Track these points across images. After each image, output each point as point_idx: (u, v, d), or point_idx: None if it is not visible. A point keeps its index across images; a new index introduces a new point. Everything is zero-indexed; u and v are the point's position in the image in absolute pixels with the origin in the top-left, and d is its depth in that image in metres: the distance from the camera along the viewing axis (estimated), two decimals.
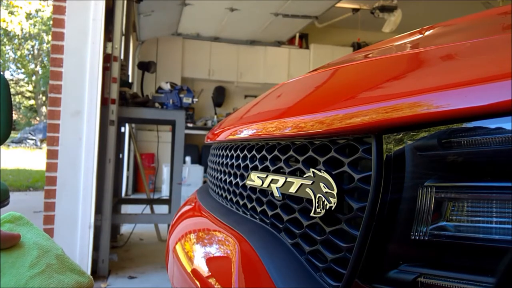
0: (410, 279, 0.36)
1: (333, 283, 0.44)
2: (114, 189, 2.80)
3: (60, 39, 2.36)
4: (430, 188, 0.36)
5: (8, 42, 15.06)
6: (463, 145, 0.34)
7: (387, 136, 0.39)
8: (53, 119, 2.36)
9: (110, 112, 2.55)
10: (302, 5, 4.96)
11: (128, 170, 5.68)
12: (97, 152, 2.38)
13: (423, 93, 0.35)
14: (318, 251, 0.48)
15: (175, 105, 3.10)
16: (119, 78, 2.64)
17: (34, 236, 0.58)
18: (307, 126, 0.48)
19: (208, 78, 7.05)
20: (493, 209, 0.32)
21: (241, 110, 0.86)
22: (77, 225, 2.36)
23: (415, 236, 0.36)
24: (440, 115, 0.33)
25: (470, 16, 0.56)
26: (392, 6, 5.08)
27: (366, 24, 6.24)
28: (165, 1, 4.68)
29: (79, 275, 0.58)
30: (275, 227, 0.59)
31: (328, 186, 0.45)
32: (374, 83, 0.46)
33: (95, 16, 2.37)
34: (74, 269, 0.58)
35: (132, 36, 4.72)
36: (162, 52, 6.63)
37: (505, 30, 0.42)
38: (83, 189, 2.35)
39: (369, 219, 0.39)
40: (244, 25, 5.99)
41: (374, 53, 0.64)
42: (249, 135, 0.67)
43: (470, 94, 0.31)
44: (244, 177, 0.69)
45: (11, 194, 1.96)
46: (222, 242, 0.67)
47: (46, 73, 13.34)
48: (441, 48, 0.44)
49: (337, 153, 0.46)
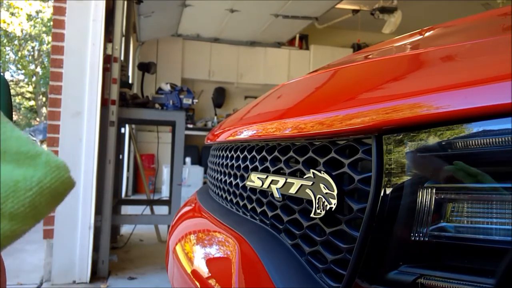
0: (410, 280, 0.36)
1: (333, 284, 0.44)
2: (114, 190, 2.79)
3: (61, 40, 2.36)
4: (430, 189, 0.36)
5: (8, 43, 15.08)
6: (463, 146, 0.34)
7: (387, 137, 0.39)
8: (53, 120, 2.36)
9: (110, 113, 2.55)
10: (302, 6, 4.96)
11: (128, 171, 5.68)
12: (97, 153, 2.38)
13: (423, 94, 0.35)
14: (318, 252, 0.48)
15: (175, 106, 3.10)
16: (119, 79, 2.64)
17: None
18: (307, 127, 0.48)
19: (208, 79, 7.05)
20: (493, 210, 0.32)
21: (241, 111, 0.87)
22: (77, 225, 2.36)
23: (415, 237, 0.36)
24: (440, 116, 0.33)
25: (469, 17, 0.56)
26: (392, 7, 5.08)
27: (366, 25, 6.24)
28: (165, 2, 4.68)
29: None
30: (275, 228, 0.59)
31: (328, 187, 0.45)
32: (374, 84, 0.46)
33: (95, 17, 2.37)
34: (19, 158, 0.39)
35: (132, 37, 4.72)
36: (162, 53, 6.63)
37: (505, 31, 0.42)
38: (83, 190, 2.35)
39: (369, 220, 0.39)
40: (244, 26, 6.00)
41: (374, 54, 0.64)
42: (249, 136, 0.67)
43: (470, 95, 0.31)
44: (244, 178, 0.69)
45: None
46: (222, 243, 0.67)
47: (46, 74, 13.35)
48: (441, 49, 0.44)
49: (337, 154, 0.46)
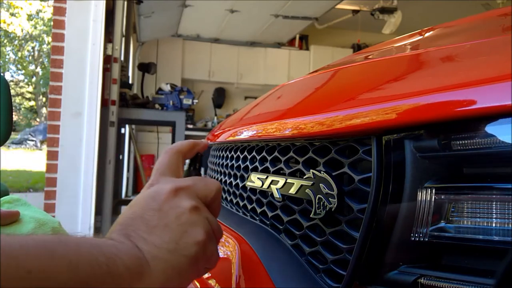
0: (410, 280, 0.36)
1: (333, 284, 0.44)
2: (114, 190, 2.79)
3: (61, 40, 2.36)
4: (430, 189, 0.36)
5: (8, 43, 15.08)
6: (463, 146, 0.34)
7: (387, 138, 0.39)
8: (53, 120, 2.36)
9: (110, 113, 2.56)
10: (302, 7, 4.96)
11: (128, 171, 5.67)
12: (97, 153, 2.38)
13: (423, 94, 0.35)
14: (318, 252, 0.48)
15: (175, 106, 3.10)
16: (119, 79, 2.64)
17: (31, 213, 0.60)
18: (307, 127, 0.48)
19: (208, 80, 7.05)
20: (493, 210, 0.32)
21: (241, 112, 0.87)
22: (77, 226, 2.36)
23: (415, 237, 0.36)
24: (440, 117, 0.33)
25: (470, 18, 0.56)
26: (392, 7, 5.08)
27: (366, 25, 6.24)
28: (165, 3, 4.68)
29: None
30: (275, 228, 0.59)
31: (328, 187, 0.45)
32: (374, 84, 0.46)
33: (95, 17, 2.37)
34: None
35: (132, 37, 4.73)
36: (162, 53, 6.64)
37: (505, 31, 0.42)
38: (83, 190, 2.35)
39: (369, 220, 0.39)
40: (244, 27, 6.00)
41: (374, 55, 0.64)
42: (249, 136, 0.67)
43: (471, 95, 0.31)
44: (244, 178, 0.69)
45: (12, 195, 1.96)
46: (222, 243, 0.67)
47: (46, 74, 13.35)
48: (441, 50, 0.44)
49: (337, 154, 0.46)
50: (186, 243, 0.40)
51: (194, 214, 0.42)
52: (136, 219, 0.40)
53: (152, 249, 0.38)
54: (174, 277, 0.39)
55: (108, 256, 0.34)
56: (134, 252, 0.37)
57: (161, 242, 0.39)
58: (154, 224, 0.40)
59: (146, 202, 0.42)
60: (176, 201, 0.42)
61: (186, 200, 0.43)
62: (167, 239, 0.40)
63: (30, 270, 0.29)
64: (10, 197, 0.62)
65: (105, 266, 0.34)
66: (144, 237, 0.39)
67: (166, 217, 0.41)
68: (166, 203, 0.42)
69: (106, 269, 0.33)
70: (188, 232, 0.41)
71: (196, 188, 0.45)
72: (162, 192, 0.43)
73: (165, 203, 0.42)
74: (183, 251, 0.40)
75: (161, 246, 0.39)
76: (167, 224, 0.40)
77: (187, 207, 0.42)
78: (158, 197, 0.42)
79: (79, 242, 0.34)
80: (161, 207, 0.41)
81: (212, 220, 0.45)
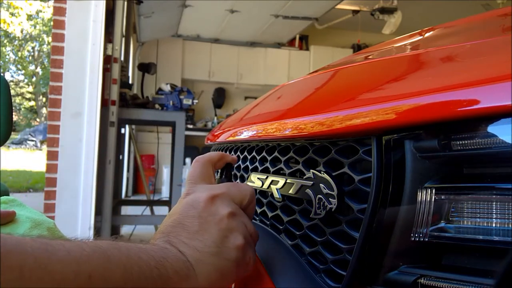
0: (410, 280, 0.36)
1: (333, 285, 0.44)
2: (114, 190, 2.79)
3: (61, 40, 2.36)
4: (430, 189, 0.36)
5: (8, 44, 15.09)
6: (463, 146, 0.34)
7: (387, 138, 0.39)
8: (53, 120, 2.36)
9: (110, 113, 2.56)
10: (302, 7, 4.96)
11: (128, 172, 5.68)
12: (97, 154, 2.38)
13: (423, 94, 0.35)
14: (318, 252, 0.48)
15: (175, 106, 3.10)
16: (119, 79, 2.64)
17: (27, 213, 0.61)
18: (307, 127, 0.48)
19: (208, 80, 7.05)
20: (493, 210, 0.32)
21: (241, 112, 0.87)
22: (77, 226, 2.36)
23: (415, 237, 0.36)
24: (440, 117, 0.33)
25: (470, 18, 0.56)
26: (392, 7, 5.08)
27: (366, 25, 6.24)
28: (165, 3, 4.68)
29: None
30: (275, 229, 0.59)
31: (328, 187, 0.45)
32: (375, 84, 0.46)
33: (95, 17, 2.37)
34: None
35: (132, 37, 4.73)
36: (162, 53, 6.64)
37: (505, 31, 0.42)
38: (83, 191, 2.35)
39: (369, 220, 0.39)
40: (244, 27, 6.00)
41: (374, 55, 0.64)
42: (249, 136, 0.67)
43: (471, 95, 0.31)
44: (244, 178, 0.69)
45: (11, 195, 1.96)
46: None
47: (46, 75, 13.36)
48: (442, 50, 0.44)
49: (337, 154, 0.46)
50: (227, 247, 0.42)
51: (232, 220, 0.44)
52: (176, 226, 0.42)
53: (194, 253, 0.40)
54: (217, 279, 0.41)
55: (157, 260, 0.36)
56: (179, 256, 0.39)
57: (203, 246, 0.40)
58: (195, 230, 0.41)
59: (185, 210, 0.44)
60: (214, 208, 0.44)
61: (223, 206, 0.44)
62: (209, 243, 0.41)
63: (91, 275, 0.30)
64: (5, 198, 0.63)
65: (156, 270, 0.35)
66: (186, 242, 0.40)
67: (205, 223, 0.42)
68: (205, 211, 0.43)
69: (157, 272, 0.35)
70: (228, 237, 0.42)
71: (231, 194, 0.46)
72: (200, 200, 0.44)
73: (204, 210, 0.43)
74: (225, 255, 0.41)
75: (203, 250, 0.40)
76: (207, 229, 0.42)
77: (225, 213, 0.43)
78: (197, 204, 0.44)
79: (129, 247, 0.35)
80: (200, 214, 0.43)
81: (249, 224, 0.46)
